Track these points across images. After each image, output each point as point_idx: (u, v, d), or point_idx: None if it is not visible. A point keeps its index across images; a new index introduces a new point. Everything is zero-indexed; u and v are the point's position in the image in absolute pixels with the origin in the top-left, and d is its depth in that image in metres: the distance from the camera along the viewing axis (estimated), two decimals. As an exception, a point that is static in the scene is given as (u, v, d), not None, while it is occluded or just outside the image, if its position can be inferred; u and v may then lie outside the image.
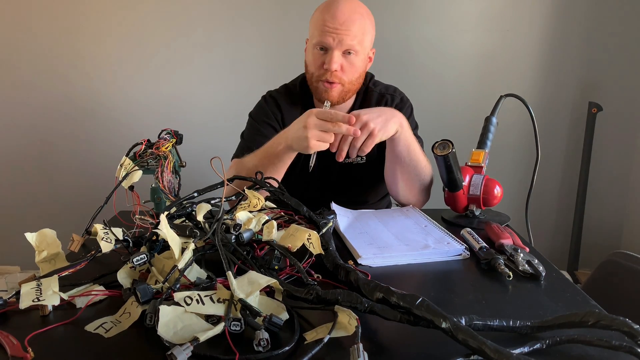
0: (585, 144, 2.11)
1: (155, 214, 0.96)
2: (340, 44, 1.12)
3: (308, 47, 1.21)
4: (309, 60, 1.20)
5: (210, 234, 0.71)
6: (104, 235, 0.74)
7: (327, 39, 1.12)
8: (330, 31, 1.11)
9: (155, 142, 0.97)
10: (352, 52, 1.14)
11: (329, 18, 1.11)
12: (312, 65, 1.18)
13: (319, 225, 0.84)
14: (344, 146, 0.99)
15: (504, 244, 0.84)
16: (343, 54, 1.14)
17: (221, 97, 2.15)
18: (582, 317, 0.54)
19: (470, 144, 1.19)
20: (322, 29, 1.12)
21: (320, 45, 1.14)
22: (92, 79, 2.10)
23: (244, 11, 2.07)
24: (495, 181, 1.06)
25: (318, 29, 1.13)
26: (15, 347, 0.52)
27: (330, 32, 1.11)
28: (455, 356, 0.51)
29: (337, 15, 1.11)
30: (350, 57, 1.15)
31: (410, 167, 1.12)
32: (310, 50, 1.18)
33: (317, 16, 1.15)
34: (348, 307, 0.58)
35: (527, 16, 2.10)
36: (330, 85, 1.16)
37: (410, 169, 1.12)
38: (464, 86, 2.17)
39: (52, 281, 0.64)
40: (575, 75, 2.15)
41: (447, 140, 1.02)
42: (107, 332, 0.57)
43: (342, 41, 1.11)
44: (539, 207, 2.24)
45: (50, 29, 2.04)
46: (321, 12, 1.14)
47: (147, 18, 2.06)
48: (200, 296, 0.58)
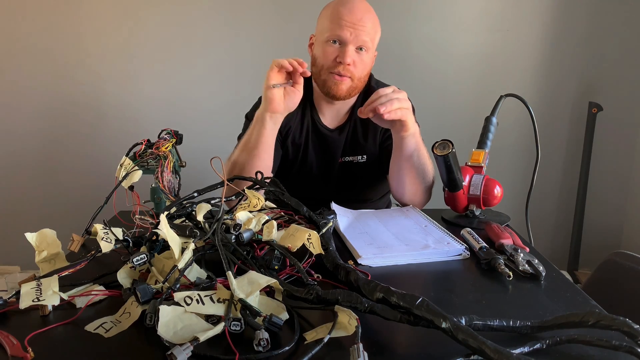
0: (585, 144, 2.11)
1: (155, 214, 0.96)
2: (356, 39, 1.12)
3: (317, 41, 1.20)
4: (319, 54, 1.18)
5: (210, 234, 0.71)
6: (104, 235, 0.74)
7: (344, 33, 1.12)
8: (348, 25, 1.11)
9: (155, 142, 0.97)
10: (364, 48, 1.15)
11: (347, 12, 1.12)
12: (323, 58, 1.17)
13: (319, 225, 0.84)
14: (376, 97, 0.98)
15: (504, 244, 0.84)
16: (356, 50, 1.14)
17: (221, 97, 2.15)
18: (582, 317, 0.54)
19: (470, 144, 1.18)
20: (338, 22, 1.12)
21: (335, 38, 1.14)
22: (92, 79, 2.10)
23: (244, 11, 2.07)
24: (495, 181, 1.06)
25: (334, 23, 1.13)
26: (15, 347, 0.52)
27: (348, 27, 1.11)
28: (455, 356, 0.51)
29: (355, 10, 1.12)
30: (362, 53, 1.15)
31: (418, 167, 1.12)
32: (320, 44, 1.17)
33: (331, 10, 1.15)
34: (348, 307, 0.58)
35: (527, 16, 2.10)
36: (340, 78, 1.16)
37: (418, 169, 1.12)
38: (464, 86, 2.17)
39: (52, 281, 0.64)
40: (575, 75, 2.15)
41: (447, 140, 1.02)
42: (107, 332, 0.57)
43: (357, 36, 1.12)
44: (539, 207, 2.24)
45: (52, 30, 2.04)
46: (336, 6, 1.14)
47: (147, 18, 2.06)
48: (200, 296, 0.58)
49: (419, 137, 1.10)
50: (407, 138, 1.07)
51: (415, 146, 1.09)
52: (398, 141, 1.09)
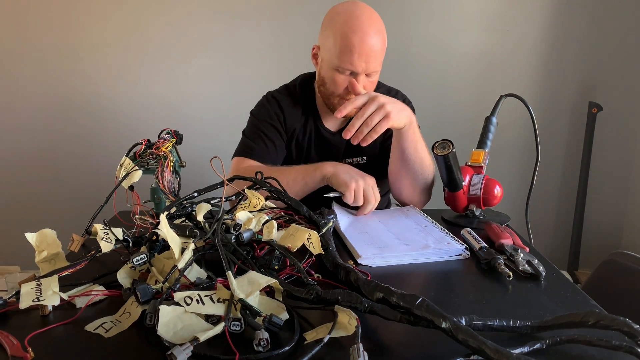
0: (585, 144, 2.11)
1: (155, 214, 0.96)
2: (367, 68, 1.10)
3: (326, 63, 1.14)
4: (329, 79, 1.15)
5: (210, 234, 0.71)
6: (104, 235, 0.74)
7: (356, 66, 1.08)
8: (361, 58, 1.07)
9: (155, 142, 0.97)
10: (375, 72, 1.14)
11: (358, 42, 1.06)
12: (333, 86, 1.14)
13: (319, 225, 0.84)
14: (357, 122, 0.97)
15: (504, 244, 0.84)
16: (366, 75, 1.13)
17: (221, 97, 2.15)
18: (582, 317, 0.54)
19: (470, 144, 1.19)
20: (349, 53, 1.07)
21: (346, 70, 1.10)
22: (91, 80, 2.10)
23: (244, 11, 2.07)
24: (495, 181, 1.06)
25: (345, 53, 1.08)
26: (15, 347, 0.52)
27: (361, 60, 1.08)
28: (455, 356, 0.51)
29: (366, 39, 1.06)
30: (372, 76, 1.14)
31: (416, 165, 1.12)
32: (330, 69, 1.13)
33: (341, 36, 1.08)
34: (348, 307, 0.58)
35: (527, 16, 2.10)
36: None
37: (417, 167, 1.12)
38: (464, 86, 2.17)
39: (52, 281, 0.64)
40: (575, 75, 2.15)
41: (447, 140, 1.02)
42: (107, 332, 0.57)
43: (368, 66, 1.10)
44: (539, 207, 2.24)
45: (52, 31, 2.04)
46: (346, 32, 1.07)
47: (147, 19, 2.06)
48: (200, 296, 0.58)
49: (418, 133, 1.10)
50: (402, 131, 1.07)
51: (414, 142, 1.09)
52: (395, 133, 1.10)
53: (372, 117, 0.97)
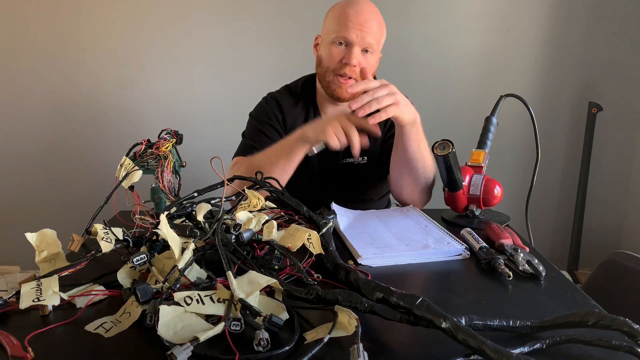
0: (585, 144, 2.11)
1: (155, 214, 0.96)
2: (362, 40, 1.12)
3: (323, 42, 1.20)
4: (325, 55, 1.18)
5: (210, 234, 0.71)
6: (104, 235, 0.74)
7: (351, 34, 1.12)
8: (354, 27, 1.11)
9: (155, 142, 0.97)
10: (370, 50, 1.15)
11: (353, 14, 1.11)
12: (329, 60, 1.17)
13: (319, 225, 0.84)
14: (367, 97, 0.95)
15: (504, 244, 0.84)
16: (362, 51, 1.14)
17: (221, 97, 2.15)
18: (582, 317, 0.54)
19: (470, 144, 1.19)
20: (345, 24, 1.12)
21: (341, 39, 1.14)
22: (91, 80, 2.10)
23: (244, 11, 2.07)
24: (495, 181, 1.06)
25: (341, 24, 1.12)
26: (15, 347, 0.52)
27: (354, 28, 1.11)
28: (455, 356, 0.51)
29: (361, 12, 1.11)
30: (367, 55, 1.15)
31: (418, 164, 1.12)
32: (326, 45, 1.17)
33: (338, 11, 1.15)
34: (348, 307, 0.58)
35: (527, 16, 2.10)
36: (345, 81, 1.16)
37: (419, 166, 1.12)
38: (464, 86, 2.17)
39: (52, 281, 0.64)
40: (575, 75, 2.15)
41: (447, 140, 1.02)
42: (107, 332, 0.57)
43: (363, 38, 1.12)
44: (539, 207, 2.24)
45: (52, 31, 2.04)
46: (343, 7, 1.14)
47: (148, 19, 2.06)
48: (200, 296, 0.58)
49: (421, 132, 1.10)
50: (406, 129, 1.06)
51: (417, 141, 1.09)
52: (398, 130, 1.09)
53: (383, 98, 0.96)
